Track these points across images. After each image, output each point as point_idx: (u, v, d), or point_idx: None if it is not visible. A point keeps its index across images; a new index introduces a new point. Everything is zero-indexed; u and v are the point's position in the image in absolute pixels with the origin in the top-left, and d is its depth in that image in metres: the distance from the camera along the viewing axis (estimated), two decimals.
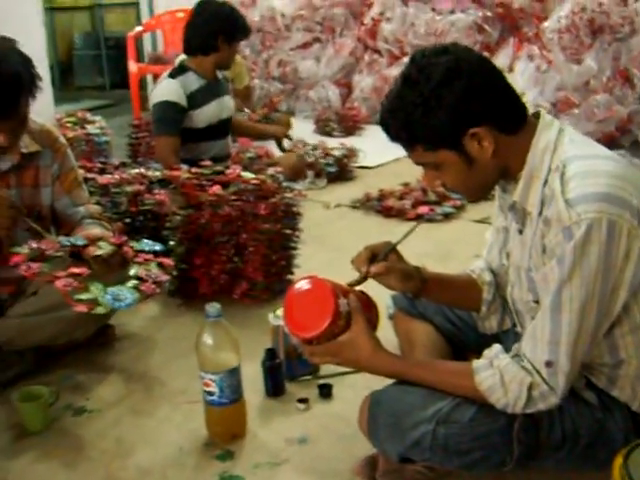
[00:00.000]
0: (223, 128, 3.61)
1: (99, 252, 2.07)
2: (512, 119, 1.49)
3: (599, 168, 1.41)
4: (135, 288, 2.02)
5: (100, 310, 1.95)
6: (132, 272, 2.08)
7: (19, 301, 2.31)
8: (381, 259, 1.66)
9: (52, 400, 2.08)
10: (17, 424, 2.04)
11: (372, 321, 1.64)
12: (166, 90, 3.40)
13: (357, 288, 1.65)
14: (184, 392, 2.18)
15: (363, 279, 1.65)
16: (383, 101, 1.51)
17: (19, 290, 2.34)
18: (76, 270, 1.98)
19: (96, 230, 2.26)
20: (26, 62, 2.07)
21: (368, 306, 1.64)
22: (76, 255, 2.13)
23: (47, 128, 2.35)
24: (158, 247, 2.18)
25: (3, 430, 2.04)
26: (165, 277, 2.11)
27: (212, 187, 2.67)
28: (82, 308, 1.93)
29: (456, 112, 1.42)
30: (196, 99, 3.42)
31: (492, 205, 1.76)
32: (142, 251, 2.16)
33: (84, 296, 1.94)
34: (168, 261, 2.18)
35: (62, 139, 2.39)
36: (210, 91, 3.49)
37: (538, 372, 1.41)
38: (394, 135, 1.50)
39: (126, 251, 2.13)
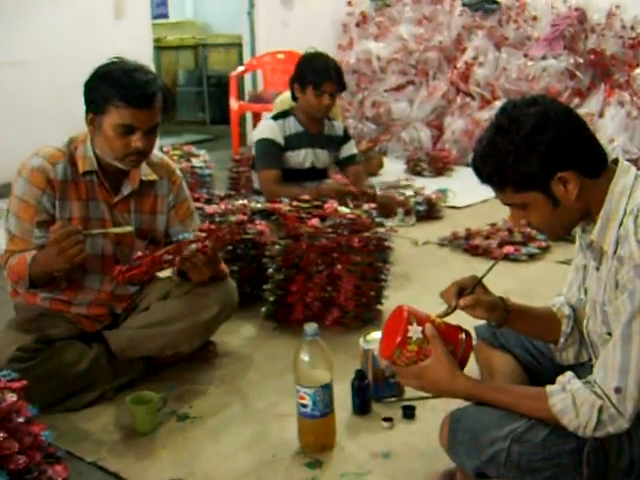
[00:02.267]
0: (315, 175, 3.72)
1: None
2: (595, 165, 1.61)
3: None
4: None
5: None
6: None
7: (132, 316, 2.54)
8: (469, 292, 1.80)
9: (160, 405, 2.28)
10: (128, 425, 2.25)
11: (457, 351, 1.74)
12: (265, 129, 3.66)
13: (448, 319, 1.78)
14: (277, 406, 2.36)
15: (452, 311, 1.79)
16: (475, 148, 1.65)
17: (132, 306, 2.58)
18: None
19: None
20: (162, 81, 2.34)
21: (452, 337, 1.75)
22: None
23: (166, 161, 2.60)
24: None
25: (116, 430, 2.25)
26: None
27: (311, 220, 2.87)
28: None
29: (546, 158, 1.55)
30: (290, 142, 3.62)
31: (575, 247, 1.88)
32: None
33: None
34: None
35: (178, 172, 2.62)
36: (305, 139, 3.66)
37: (608, 397, 1.52)
38: (486, 179, 1.64)
39: (202, 248, 2.32)
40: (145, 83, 2.23)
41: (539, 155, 1.56)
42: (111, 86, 2.22)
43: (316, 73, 3.52)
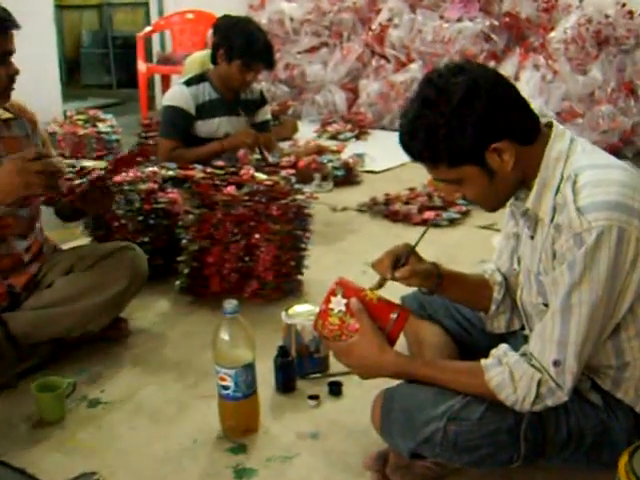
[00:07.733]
0: None
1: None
2: (529, 131, 1.54)
3: (610, 177, 1.47)
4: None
5: None
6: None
7: (34, 294, 2.36)
8: (403, 263, 1.72)
9: (69, 391, 2.13)
10: (34, 414, 2.09)
11: (383, 329, 1.65)
12: (176, 95, 3.48)
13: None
14: (196, 387, 2.23)
15: (385, 282, 1.72)
16: (401, 123, 1.54)
17: (34, 283, 2.39)
18: None
19: None
20: None
21: (382, 314, 1.66)
22: None
23: (17, 102, 2.36)
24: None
25: (21, 420, 2.09)
26: None
27: (226, 187, 2.73)
28: None
29: (479, 130, 1.46)
30: (204, 110, 3.46)
31: (497, 212, 1.80)
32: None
33: None
34: None
35: (30, 109, 2.42)
36: (220, 107, 3.50)
37: (546, 370, 1.47)
38: (417, 155, 1.53)
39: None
40: None
41: (472, 127, 1.46)
42: None
43: (248, 50, 3.34)
